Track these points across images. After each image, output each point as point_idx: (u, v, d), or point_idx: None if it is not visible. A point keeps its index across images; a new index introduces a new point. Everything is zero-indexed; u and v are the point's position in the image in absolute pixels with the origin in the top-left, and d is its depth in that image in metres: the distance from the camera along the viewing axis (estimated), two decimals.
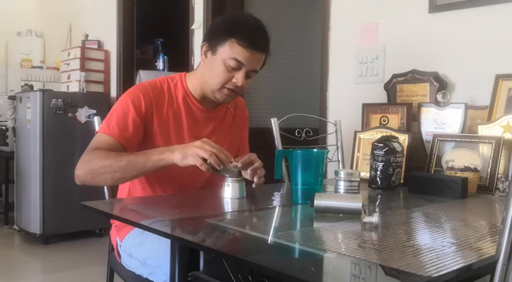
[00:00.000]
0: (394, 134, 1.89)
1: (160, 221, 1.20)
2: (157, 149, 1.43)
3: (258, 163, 1.52)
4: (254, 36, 1.51)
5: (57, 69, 4.86)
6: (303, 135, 2.13)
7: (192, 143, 1.37)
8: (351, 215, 1.17)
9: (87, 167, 1.43)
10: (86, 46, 4.44)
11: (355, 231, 1.09)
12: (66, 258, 3.55)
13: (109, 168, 1.41)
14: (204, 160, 1.33)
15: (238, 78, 1.53)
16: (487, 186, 1.69)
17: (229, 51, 1.50)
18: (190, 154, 1.34)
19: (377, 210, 1.40)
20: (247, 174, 1.53)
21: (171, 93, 1.63)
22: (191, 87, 1.65)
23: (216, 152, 1.34)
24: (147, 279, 1.49)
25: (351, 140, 2.13)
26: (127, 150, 1.53)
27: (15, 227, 4.18)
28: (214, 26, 1.60)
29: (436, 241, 1.03)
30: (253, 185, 1.52)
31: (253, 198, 1.45)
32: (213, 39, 1.55)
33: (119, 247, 1.63)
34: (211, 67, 1.55)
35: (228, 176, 1.43)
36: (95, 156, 1.44)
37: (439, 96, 1.96)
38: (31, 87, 4.39)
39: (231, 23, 1.55)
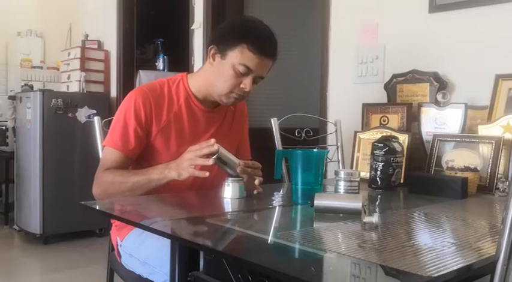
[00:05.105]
0: (394, 134, 1.89)
1: (161, 221, 1.21)
2: (156, 168, 1.49)
3: (257, 170, 1.51)
4: (265, 43, 1.51)
5: (57, 69, 4.86)
6: (303, 135, 2.13)
7: (181, 158, 1.44)
8: (351, 215, 1.17)
9: (101, 189, 1.54)
10: (86, 46, 4.44)
11: (355, 231, 1.09)
12: (66, 258, 3.55)
13: (118, 190, 1.50)
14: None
15: (246, 83, 1.52)
16: (487, 186, 1.69)
17: (240, 56, 1.49)
18: (183, 169, 1.41)
19: (377, 210, 1.40)
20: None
21: (172, 95, 1.63)
22: (194, 88, 1.65)
23: (201, 153, 1.39)
24: (147, 279, 1.49)
25: (351, 140, 2.13)
26: (133, 160, 1.59)
27: (15, 227, 4.17)
28: (224, 29, 1.59)
29: (436, 241, 1.03)
30: (255, 191, 1.50)
31: (253, 198, 1.45)
32: (222, 43, 1.53)
33: (119, 247, 1.63)
34: (219, 71, 1.55)
35: (229, 171, 1.43)
36: (104, 179, 1.54)
37: (439, 96, 1.95)
38: (31, 87, 4.39)
39: (242, 28, 1.54)
